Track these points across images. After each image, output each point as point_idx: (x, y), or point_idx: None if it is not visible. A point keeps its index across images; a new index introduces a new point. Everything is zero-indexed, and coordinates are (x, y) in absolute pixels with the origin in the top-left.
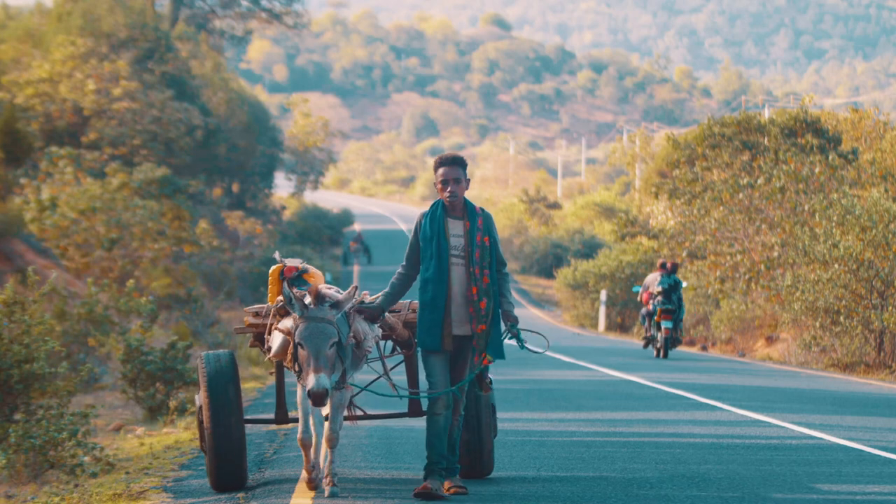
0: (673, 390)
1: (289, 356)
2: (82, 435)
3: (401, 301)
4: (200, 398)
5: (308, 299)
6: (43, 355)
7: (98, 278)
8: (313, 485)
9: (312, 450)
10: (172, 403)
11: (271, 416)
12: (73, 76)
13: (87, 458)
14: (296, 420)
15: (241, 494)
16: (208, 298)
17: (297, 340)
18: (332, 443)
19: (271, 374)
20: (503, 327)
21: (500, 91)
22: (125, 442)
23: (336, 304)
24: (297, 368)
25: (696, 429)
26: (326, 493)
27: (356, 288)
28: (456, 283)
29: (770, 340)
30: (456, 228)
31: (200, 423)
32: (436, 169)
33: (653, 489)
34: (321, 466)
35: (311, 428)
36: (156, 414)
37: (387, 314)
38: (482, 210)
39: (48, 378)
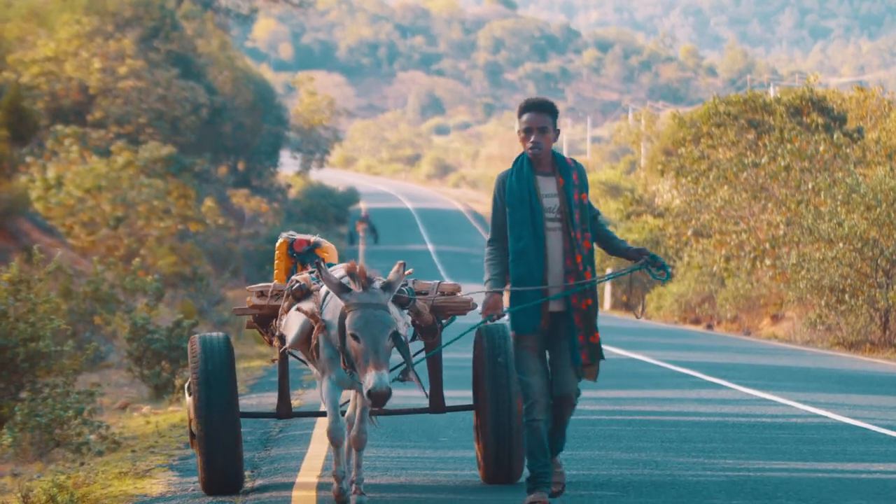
0: (678, 369)
1: (313, 343)
2: (88, 413)
3: (427, 282)
4: (190, 393)
5: (336, 274)
6: (48, 334)
7: (104, 257)
8: (342, 498)
9: (345, 450)
10: (178, 382)
11: (273, 401)
12: (78, 55)
13: (92, 437)
14: (300, 415)
15: (247, 472)
16: (214, 277)
17: (350, 332)
18: (361, 444)
19: (273, 361)
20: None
21: (505, 69)
22: (131, 420)
23: (388, 286)
24: (315, 355)
25: (701, 407)
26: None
27: (403, 264)
28: (553, 252)
29: (775, 319)
30: (548, 186)
31: (188, 412)
32: (519, 114)
33: (658, 468)
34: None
35: (343, 421)
36: (161, 392)
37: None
38: (574, 162)
39: (54, 356)
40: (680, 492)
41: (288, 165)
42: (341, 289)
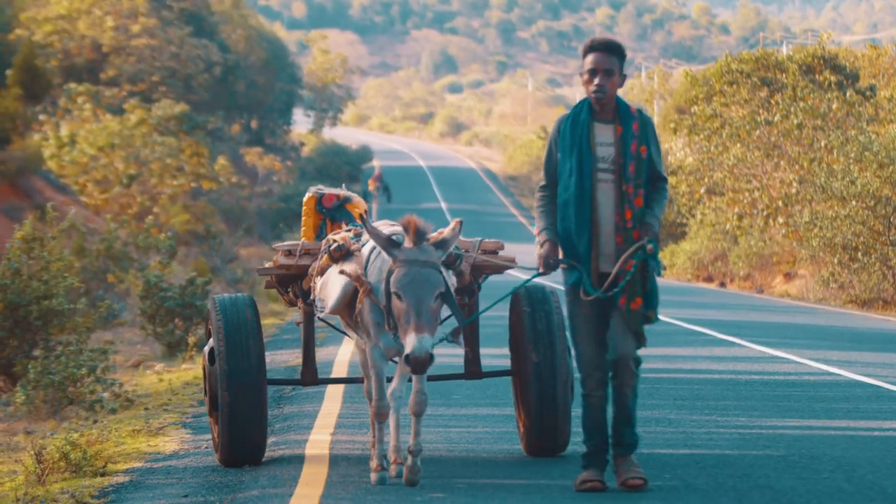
0: (691, 326)
1: (357, 308)
2: (101, 371)
3: (467, 239)
4: (211, 359)
5: (388, 231)
6: (62, 291)
7: (117, 214)
8: (379, 477)
9: (392, 427)
10: (191, 339)
11: (286, 359)
12: (91, 13)
13: (106, 395)
14: (325, 382)
15: None
16: (227, 235)
17: (393, 290)
18: (420, 408)
19: (298, 324)
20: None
21: (518, 28)
22: (144, 378)
23: (442, 243)
24: (359, 320)
25: (714, 365)
26: (406, 479)
27: (461, 222)
28: (604, 206)
29: (788, 277)
30: (604, 135)
31: (207, 380)
32: (584, 55)
33: (671, 425)
34: (404, 447)
35: (389, 395)
36: (174, 350)
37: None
38: (639, 112)
39: (67, 314)
40: (692, 449)
41: (301, 123)
42: (389, 244)
